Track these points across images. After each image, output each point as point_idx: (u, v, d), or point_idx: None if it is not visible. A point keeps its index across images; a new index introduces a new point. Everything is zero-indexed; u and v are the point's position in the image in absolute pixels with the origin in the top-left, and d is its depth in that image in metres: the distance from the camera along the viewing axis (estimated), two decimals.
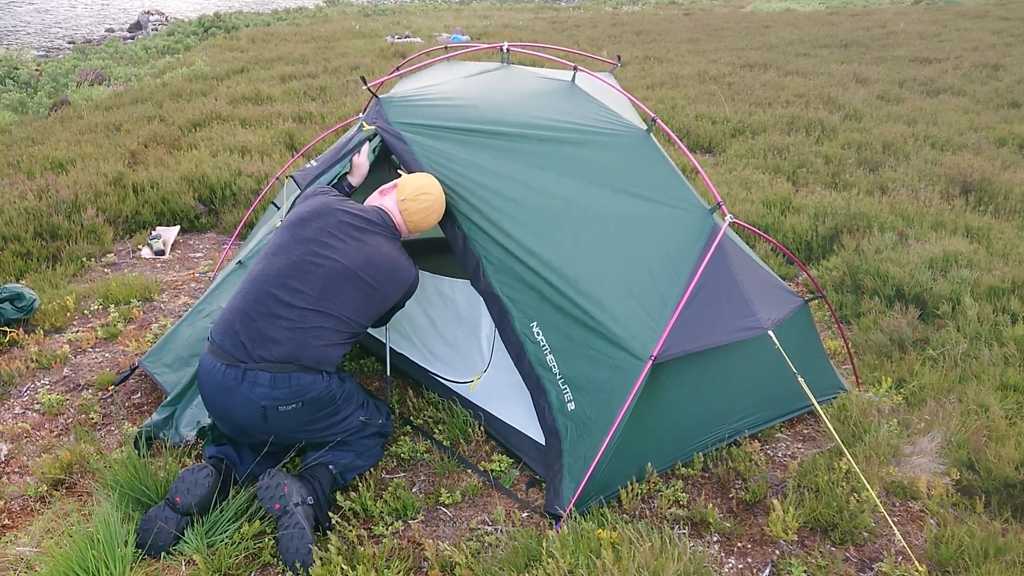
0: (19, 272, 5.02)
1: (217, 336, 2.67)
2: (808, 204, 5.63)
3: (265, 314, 2.62)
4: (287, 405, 2.61)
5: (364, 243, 2.76)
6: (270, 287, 2.65)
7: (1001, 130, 7.93)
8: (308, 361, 2.62)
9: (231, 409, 2.64)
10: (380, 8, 24.92)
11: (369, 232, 2.80)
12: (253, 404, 2.58)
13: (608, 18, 20.29)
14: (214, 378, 2.62)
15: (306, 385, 2.62)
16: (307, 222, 2.76)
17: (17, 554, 2.59)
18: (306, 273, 2.66)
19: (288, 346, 2.59)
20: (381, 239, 2.82)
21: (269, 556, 2.57)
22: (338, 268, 2.68)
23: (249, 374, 2.57)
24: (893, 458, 3.00)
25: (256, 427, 2.65)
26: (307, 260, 2.68)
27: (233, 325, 2.64)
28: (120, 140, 7.76)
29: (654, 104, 9.08)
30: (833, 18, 18.34)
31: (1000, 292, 4.27)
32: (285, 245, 2.74)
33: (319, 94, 10.10)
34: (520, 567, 2.41)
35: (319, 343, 2.64)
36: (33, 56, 15.88)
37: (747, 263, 3.09)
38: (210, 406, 2.73)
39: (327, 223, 2.75)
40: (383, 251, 2.80)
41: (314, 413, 2.69)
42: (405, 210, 2.88)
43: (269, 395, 2.58)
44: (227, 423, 2.73)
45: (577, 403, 2.81)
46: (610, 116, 3.20)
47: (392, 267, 2.81)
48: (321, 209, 2.79)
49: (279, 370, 2.58)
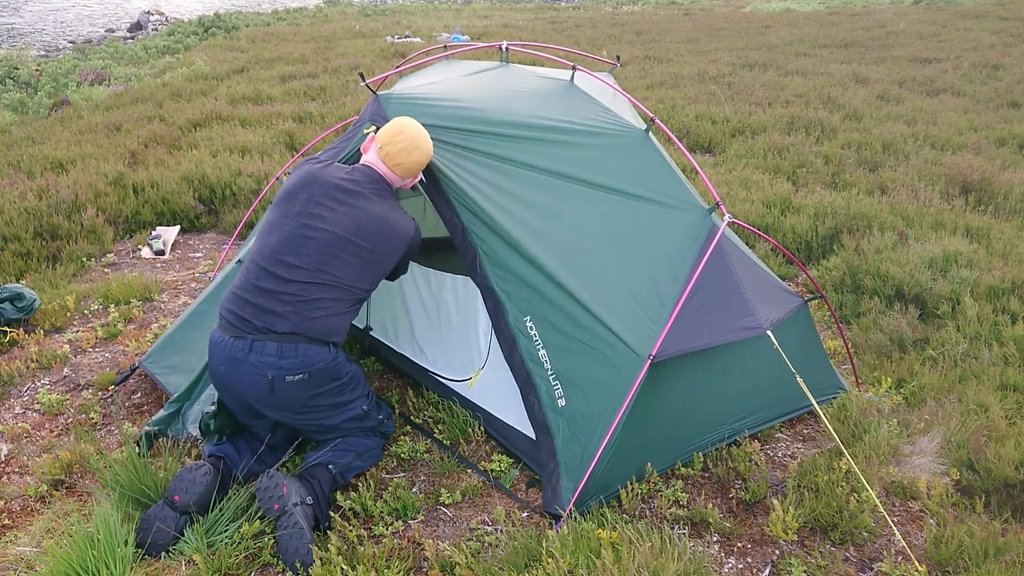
0: (19, 272, 5.02)
1: (224, 312, 2.74)
2: (808, 204, 5.63)
3: (265, 291, 2.67)
4: (294, 375, 2.64)
5: (353, 207, 2.75)
6: (267, 265, 2.69)
7: (1001, 130, 7.94)
8: (313, 333, 2.67)
9: (239, 380, 2.68)
10: (380, 8, 24.92)
11: (357, 194, 2.77)
12: (261, 375, 2.63)
13: (608, 18, 20.29)
14: (223, 350, 2.68)
15: (312, 355, 2.66)
16: (295, 196, 2.78)
17: (17, 554, 2.59)
18: (300, 247, 2.69)
19: (292, 319, 2.64)
20: (369, 200, 2.78)
21: (269, 556, 2.57)
22: (329, 238, 2.70)
23: (256, 344, 2.62)
24: (893, 458, 3.01)
25: (262, 399, 2.69)
26: (299, 234, 2.70)
27: (238, 303, 2.70)
28: (120, 140, 7.76)
29: (654, 104, 9.08)
30: (833, 18, 18.34)
31: (1000, 292, 4.27)
32: (277, 222, 2.77)
33: (319, 94, 10.10)
34: (520, 567, 2.41)
35: (322, 315, 2.68)
36: (33, 56, 15.88)
37: (746, 263, 3.09)
38: (218, 380, 2.77)
39: (313, 193, 2.76)
40: (373, 212, 2.77)
41: (321, 386, 2.73)
42: (386, 156, 2.83)
43: (276, 364, 2.62)
44: (234, 397, 2.77)
45: (569, 400, 2.80)
46: (609, 116, 3.20)
47: (384, 227, 2.78)
48: (306, 179, 2.81)
49: (285, 340, 2.63)
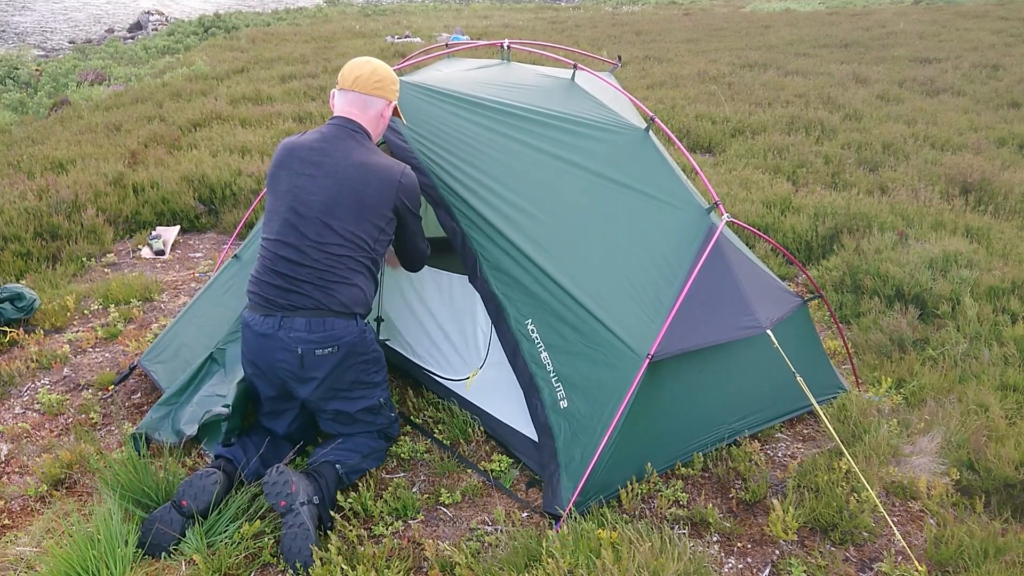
0: (19, 272, 5.02)
1: (251, 295, 2.82)
2: (808, 204, 5.63)
3: (282, 274, 2.73)
4: (323, 348, 2.72)
5: (330, 164, 2.74)
6: (276, 249, 2.76)
7: (1001, 130, 7.93)
8: (337, 306, 2.73)
9: (270, 356, 2.75)
10: (380, 8, 24.92)
11: (331, 151, 2.77)
12: (291, 350, 2.71)
13: (608, 18, 20.30)
14: (255, 329, 2.76)
15: (341, 328, 2.73)
16: (278, 177, 2.82)
17: (17, 554, 2.59)
18: (297, 226, 2.73)
19: (315, 295, 2.71)
20: (346, 151, 2.76)
21: (269, 556, 2.57)
22: (320, 206, 2.72)
23: (285, 320, 2.71)
24: (893, 458, 3.00)
25: (294, 374, 2.75)
26: (293, 212, 2.74)
27: (260, 285, 2.78)
28: (120, 140, 7.76)
29: (654, 104, 9.08)
30: (833, 18, 18.34)
31: (1000, 292, 4.27)
32: (273, 208, 2.83)
33: (319, 94, 10.10)
34: (520, 567, 2.41)
35: (340, 285, 2.73)
36: (33, 56, 15.88)
37: (745, 262, 3.09)
38: (250, 357, 2.84)
39: (292, 166, 2.79)
40: (352, 160, 2.74)
41: (350, 361, 2.78)
42: (347, 89, 2.82)
43: (306, 339, 2.70)
44: (265, 375, 2.83)
45: (571, 401, 2.80)
46: (609, 114, 3.20)
47: (366, 171, 2.73)
48: (282, 155, 2.84)
49: (313, 315, 2.71)
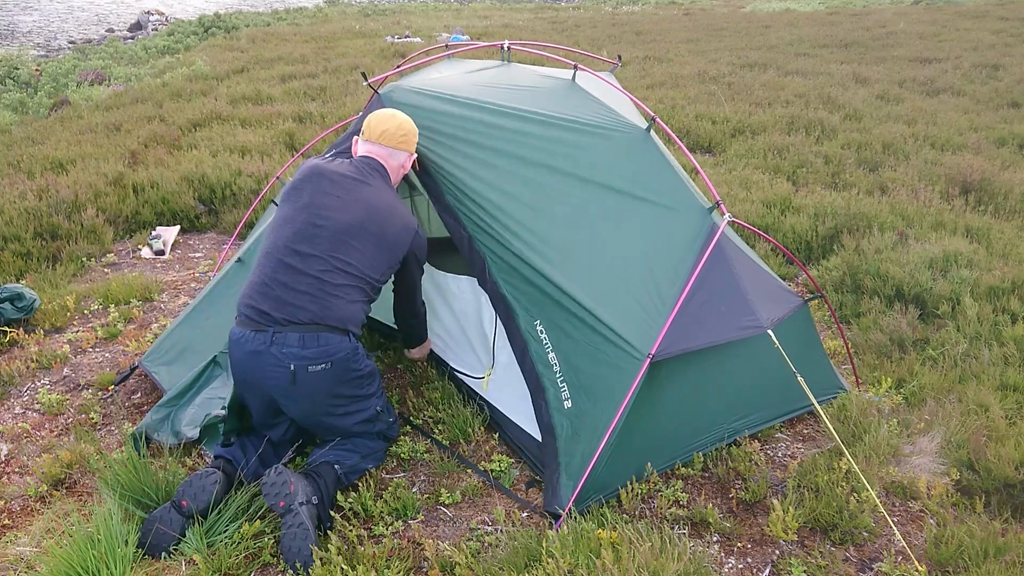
0: (19, 272, 5.01)
1: (243, 308, 2.75)
2: (808, 204, 5.63)
3: (282, 283, 2.70)
4: (316, 364, 2.66)
5: (360, 195, 2.82)
6: (282, 256, 2.74)
7: (1001, 130, 7.93)
8: (332, 321, 2.69)
9: (261, 373, 2.68)
10: (380, 8, 24.92)
11: (362, 183, 2.85)
12: (283, 366, 2.64)
13: (608, 18, 20.29)
14: (244, 345, 2.69)
15: (334, 344, 2.68)
16: (301, 190, 2.83)
17: (17, 554, 2.59)
18: (312, 237, 2.73)
19: (312, 308, 2.67)
20: (374, 189, 2.87)
21: (269, 556, 2.57)
22: (340, 226, 2.74)
23: (278, 336, 2.64)
24: (893, 458, 3.00)
25: (284, 391, 2.70)
26: (310, 224, 2.74)
27: (256, 297, 2.72)
28: (120, 140, 7.76)
29: (654, 104, 9.08)
30: (833, 18, 18.34)
31: (1000, 292, 4.27)
32: (287, 216, 2.81)
33: (319, 94, 10.10)
34: (520, 567, 2.41)
35: (341, 301, 2.71)
36: (33, 56, 15.88)
37: (746, 262, 3.09)
38: (239, 375, 2.78)
39: (320, 185, 2.82)
40: (381, 197, 2.86)
41: (342, 377, 2.74)
42: (373, 141, 2.92)
43: (299, 355, 2.63)
44: (255, 393, 2.79)
45: (574, 401, 2.81)
46: (610, 114, 3.20)
47: (392, 213, 2.86)
48: (311, 173, 2.86)
49: (307, 331, 2.65)
